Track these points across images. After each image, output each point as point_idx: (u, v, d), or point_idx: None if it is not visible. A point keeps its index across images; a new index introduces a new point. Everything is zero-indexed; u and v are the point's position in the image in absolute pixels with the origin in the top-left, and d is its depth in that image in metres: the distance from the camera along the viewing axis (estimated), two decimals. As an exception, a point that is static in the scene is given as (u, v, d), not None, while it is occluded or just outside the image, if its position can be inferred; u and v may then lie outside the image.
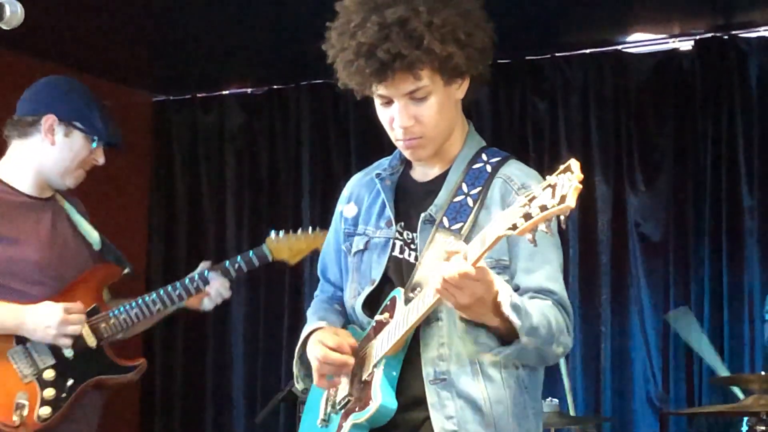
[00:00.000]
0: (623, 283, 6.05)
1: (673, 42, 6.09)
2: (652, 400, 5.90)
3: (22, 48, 6.07)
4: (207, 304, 4.26)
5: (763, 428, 4.43)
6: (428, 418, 2.79)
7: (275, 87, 7.06)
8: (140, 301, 4.12)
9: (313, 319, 3.05)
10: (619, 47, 6.20)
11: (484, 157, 2.92)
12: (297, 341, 3.06)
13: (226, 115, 7.17)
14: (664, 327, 5.89)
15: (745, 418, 4.85)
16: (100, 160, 4.11)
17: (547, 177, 2.35)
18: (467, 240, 2.70)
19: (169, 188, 7.25)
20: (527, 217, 2.35)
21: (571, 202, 2.27)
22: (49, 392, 3.89)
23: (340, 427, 2.88)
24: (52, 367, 3.93)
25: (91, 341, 4.00)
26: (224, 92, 7.21)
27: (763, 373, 4.54)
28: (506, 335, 2.70)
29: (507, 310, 2.63)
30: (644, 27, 6.07)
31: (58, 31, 5.97)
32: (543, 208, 2.31)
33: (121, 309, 4.09)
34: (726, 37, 5.93)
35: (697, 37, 6.00)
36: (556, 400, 5.10)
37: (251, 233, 7.00)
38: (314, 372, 2.92)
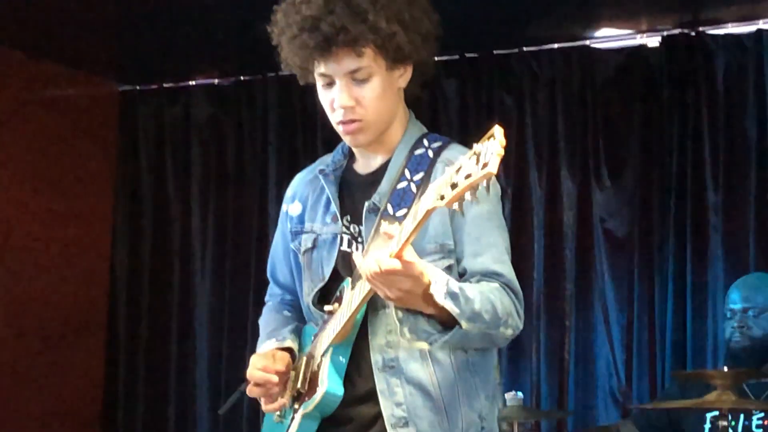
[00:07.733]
0: (588, 278, 6.06)
1: (641, 38, 6.10)
2: (615, 394, 5.92)
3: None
4: None
5: (725, 424, 4.44)
6: (381, 412, 2.78)
7: (243, 78, 7.02)
8: None
9: (263, 338, 3.07)
10: (587, 42, 6.20)
11: (425, 142, 2.92)
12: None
13: (193, 105, 7.13)
14: (628, 322, 5.91)
15: (708, 414, 4.87)
16: None
17: (474, 145, 2.36)
18: None
19: (135, 179, 7.19)
20: (454, 186, 2.36)
21: (493, 168, 2.28)
22: None
23: (292, 419, 2.88)
24: None
25: None
26: (191, 83, 7.17)
27: (725, 369, 4.54)
28: (448, 321, 2.71)
29: (441, 300, 2.64)
30: (612, 22, 6.08)
31: (23, 19, 5.93)
32: (468, 176, 2.33)
33: None
34: (693, 33, 5.94)
35: (665, 34, 6.00)
36: (520, 394, 5.09)
37: (217, 225, 6.98)
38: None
